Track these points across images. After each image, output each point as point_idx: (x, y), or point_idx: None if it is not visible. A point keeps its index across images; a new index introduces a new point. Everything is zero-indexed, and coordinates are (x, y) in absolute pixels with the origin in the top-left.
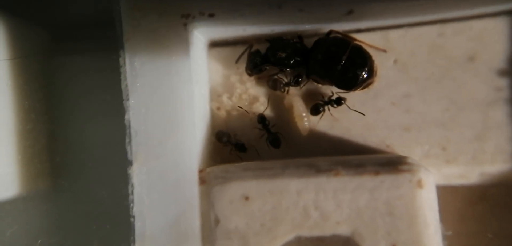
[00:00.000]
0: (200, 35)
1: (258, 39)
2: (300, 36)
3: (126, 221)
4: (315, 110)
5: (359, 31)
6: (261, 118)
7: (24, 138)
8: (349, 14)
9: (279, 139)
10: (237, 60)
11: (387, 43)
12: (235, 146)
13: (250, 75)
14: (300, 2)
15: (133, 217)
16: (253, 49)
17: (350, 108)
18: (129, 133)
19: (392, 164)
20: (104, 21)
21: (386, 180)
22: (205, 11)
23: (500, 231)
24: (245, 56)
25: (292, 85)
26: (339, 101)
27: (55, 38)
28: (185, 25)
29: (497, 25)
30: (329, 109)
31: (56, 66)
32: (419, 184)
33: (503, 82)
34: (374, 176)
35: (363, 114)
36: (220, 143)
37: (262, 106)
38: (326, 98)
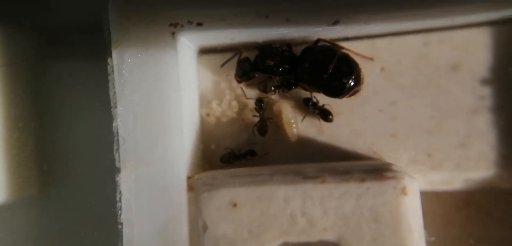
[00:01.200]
0: (189, 43)
1: (247, 46)
2: (288, 44)
3: (114, 228)
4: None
5: (346, 39)
6: (259, 101)
7: (10, 146)
8: (335, 24)
9: (267, 126)
10: (223, 65)
11: (374, 52)
12: (245, 155)
13: (239, 82)
14: (287, 12)
15: (121, 224)
16: (242, 56)
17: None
18: (117, 140)
19: (377, 171)
20: (93, 26)
21: (371, 187)
22: (193, 20)
23: (484, 237)
24: (234, 63)
25: (283, 89)
26: (307, 102)
27: (43, 43)
28: (173, 33)
29: (480, 35)
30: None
31: (44, 72)
32: (404, 191)
33: (486, 91)
34: (360, 183)
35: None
36: (230, 165)
37: (251, 113)
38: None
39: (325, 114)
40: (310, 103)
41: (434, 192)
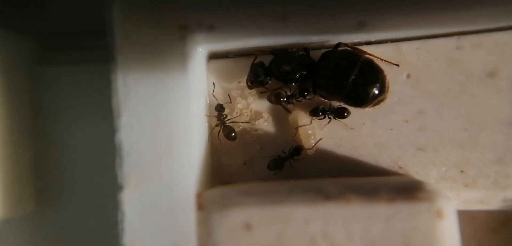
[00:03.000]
0: (199, 48)
1: (261, 51)
2: (306, 49)
3: None
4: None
5: (369, 43)
6: (220, 107)
7: (3, 161)
8: (361, 26)
9: (233, 129)
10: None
11: (400, 57)
12: (292, 156)
13: (250, 88)
14: (307, 13)
15: None
16: (257, 60)
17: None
18: (120, 153)
19: (408, 190)
20: (95, 31)
21: (402, 209)
22: (203, 23)
23: None
24: (246, 68)
25: (296, 99)
26: (316, 112)
27: (41, 49)
28: (183, 37)
29: None
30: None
31: (41, 80)
32: (439, 214)
33: None
34: (389, 203)
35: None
36: (279, 170)
37: (265, 122)
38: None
39: (340, 113)
40: (320, 112)
41: (468, 211)
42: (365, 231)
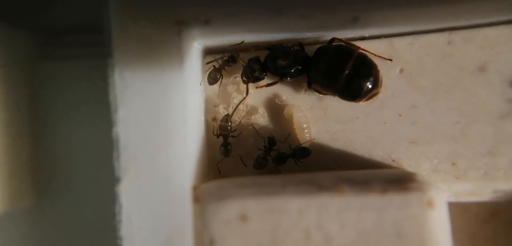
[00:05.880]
0: (195, 43)
1: (256, 46)
2: (301, 44)
3: (113, 243)
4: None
5: (363, 39)
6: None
7: (1, 155)
8: (354, 22)
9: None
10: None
11: (393, 52)
12: (269, 148)
13: (245, 83)
14: (302, 8)
15: (121, 239)
16: (252, 56)
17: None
18: (118, 147)
19: (400, 181)
20: (92, 26)
21: (394, 199)
22: (200, 17)
23: None
24: (244, 64)
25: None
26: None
27: (40, 44)
28: (179, 32)
29: (509, 33)
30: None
31: (39, 74)
32: (430, 204)
33: None
34: (381, 194)
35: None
36: (263, 168)
37: (261, 117)
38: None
39: (302, 153)
40: (283, 159)
41: (459, 203)
42: (358, 221)
